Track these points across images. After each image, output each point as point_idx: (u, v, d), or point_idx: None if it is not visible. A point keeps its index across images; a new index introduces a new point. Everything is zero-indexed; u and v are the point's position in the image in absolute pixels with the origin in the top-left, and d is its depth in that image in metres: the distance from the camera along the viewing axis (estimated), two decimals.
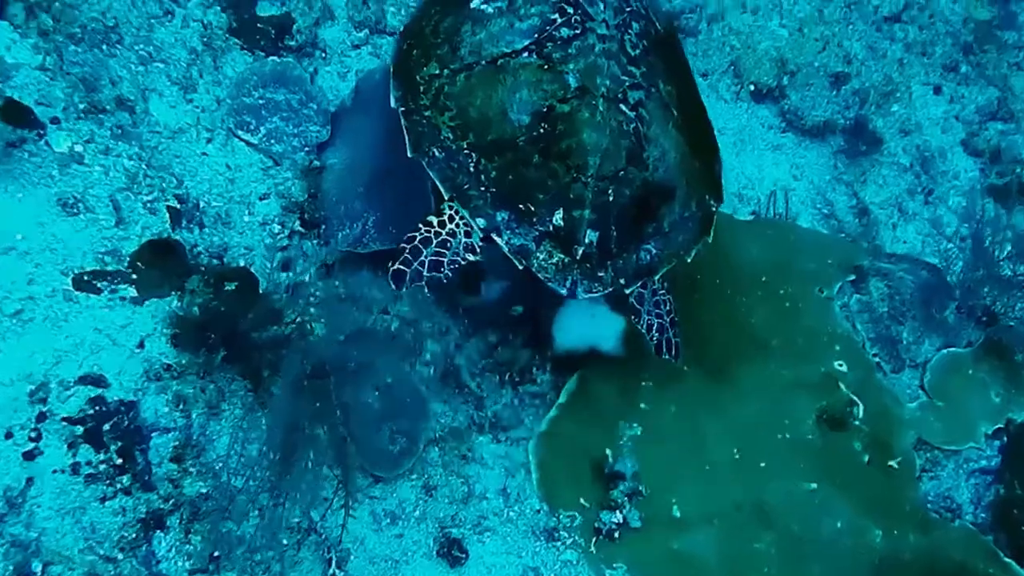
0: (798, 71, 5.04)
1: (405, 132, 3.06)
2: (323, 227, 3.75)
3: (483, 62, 3.02)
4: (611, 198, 2.98)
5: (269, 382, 3.41)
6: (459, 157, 2.99)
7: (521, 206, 2.96)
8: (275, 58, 3.91)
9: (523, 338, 3.99)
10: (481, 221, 2.96)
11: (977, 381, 4.54)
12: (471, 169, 2.98)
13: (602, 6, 3.15)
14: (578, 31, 3.06)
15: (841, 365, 4.32)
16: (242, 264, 3.61)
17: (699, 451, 4.02)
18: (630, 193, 3.02)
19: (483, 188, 2.96)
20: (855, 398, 4.25)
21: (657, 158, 3.09)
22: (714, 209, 3.36)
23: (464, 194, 2.98)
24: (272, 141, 3.76)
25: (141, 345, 3.26)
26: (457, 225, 3.01)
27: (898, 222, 5.02)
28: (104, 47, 3.56)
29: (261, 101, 3.78)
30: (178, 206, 3.48)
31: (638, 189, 3.03)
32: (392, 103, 3.10)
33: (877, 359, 4.47)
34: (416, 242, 3.03)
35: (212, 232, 3.57)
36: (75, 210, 3.28)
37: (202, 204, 3.57)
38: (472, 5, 3.15)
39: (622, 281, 3.10)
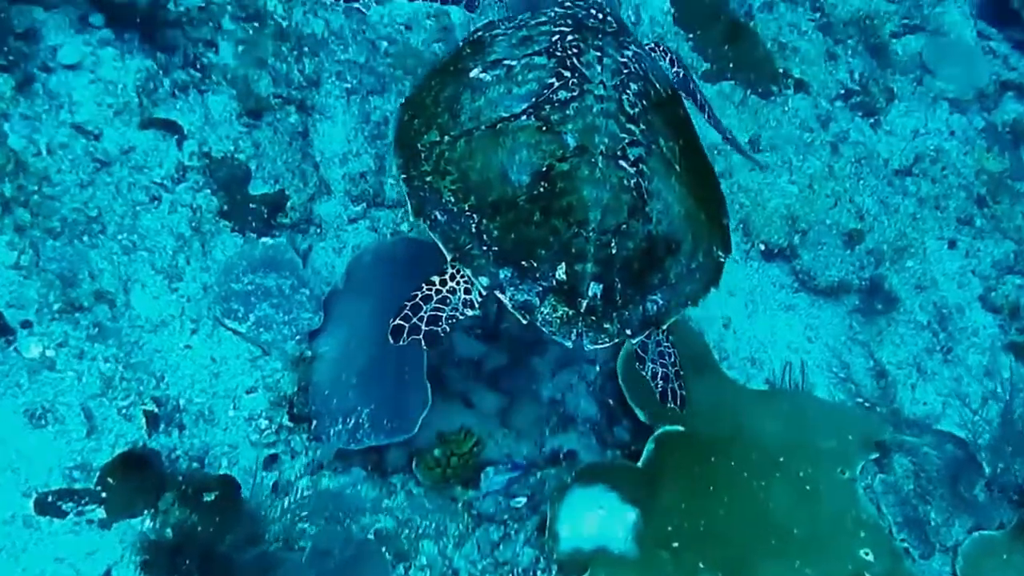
0: (809, 229, 4.90)
1: (407, 198, 3.08)
2: (314, 422, 3.50)
3: (482, 127, 3.08)
4: (614, 251, 2.99)
5: None
6: (461, 219, 3.00)
7: (524, 263, 2.96)
8: (267, 239, 3.74)
9: (526, 535, 3.70)
10: (484, 280, 2.95)
11: (1013, 566, 4.23)
12: (473, 230, 2.98)
13: (599, 68, 3.20)
14: (575, 93, 3.11)
15: (867, 554, 4.01)
16: (225, 464, 3.35)
17: None
18: (633, 246, 3.03)
19: (485, 248, 2.97)
20: None
21: (660, 211, 3.10)
22: (722, 260, 3.33)
23: (466, 254, 2.97)
24: (261, 330, 3.55)
25: (107, 575, 2.97)
26: (457, 283, 3.02)
27: (917, 383, 4.79)
28: (85, 238, 3.39)
29: (250, 287, 3.59)
30: (155, 409, 3.24)
31: (642, 242, 3.04)
32: (394, 170, 3.16)
33: (905, 544, 4.17)
34: (417, 299, 3.00)
35: (192, 433, 3.33)
36: (43, 421, 3.04)
37: (183, 402, 3.33)
38: (471, 75, 3.21)
39: (628, 332, 3.05)
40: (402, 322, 2.95)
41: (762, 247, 4.86)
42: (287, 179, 3.92)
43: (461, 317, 3.00)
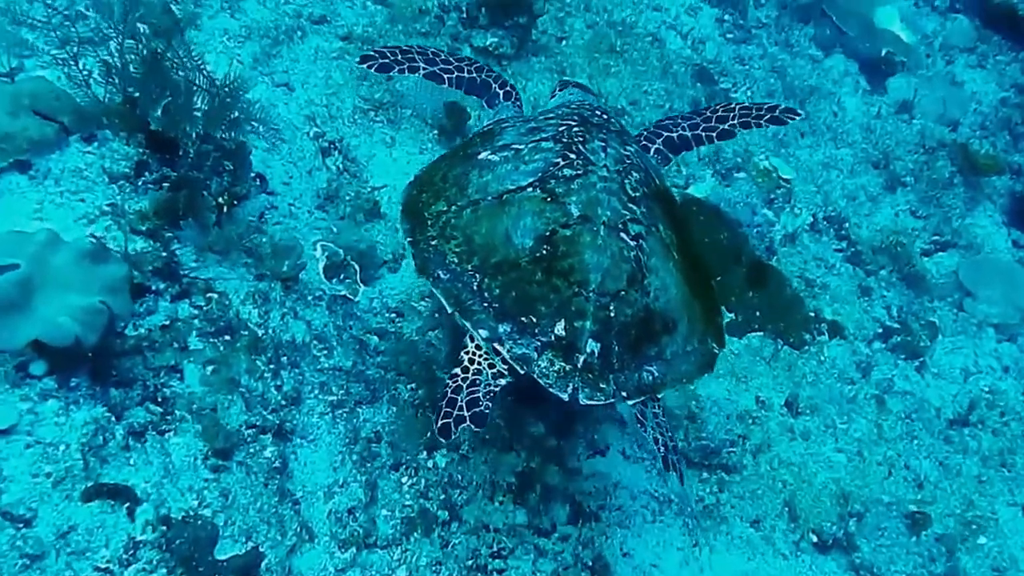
0: (866, 511, 4.28)
1: (412, 258, 3.25)
2: None
3: (489, 198, 3.25)
4: (612, 314, 3.07)
5: None
6: (463, 278, 3.13)
7: (523, 318, 3.05)
8: None
9: None
10: (483, 332, 3.05)
11: None
12: (475, 288, 3.11)
13: (603, 155, 3.39)
14: (580, 172, 3.28)
15: None
16: None
17: None
18: (631, 313, 3.10)
19: (486, 304, 3.09)
20: None
21: (658, 288, 3.19)
22: (716, 352, 3.36)
23: (467, 309, 3.08)
24: None
25: None
26: (479, 363, 3.10)
27: None
28: None
29: None
30: None
31: (639, 311, 3.12)
32: (400, 235, 3.30)
33: None
34: (449, 394, 3.05)
35: None
36: None
37: None
38: (480, 156, 3.43)
39: (623, 394, 3.07)
40: (446, 419, 2.98)
41: (814, 538, 4.22)
42: (262, 532, 3.31)
43: (497, 388, 3.07)
